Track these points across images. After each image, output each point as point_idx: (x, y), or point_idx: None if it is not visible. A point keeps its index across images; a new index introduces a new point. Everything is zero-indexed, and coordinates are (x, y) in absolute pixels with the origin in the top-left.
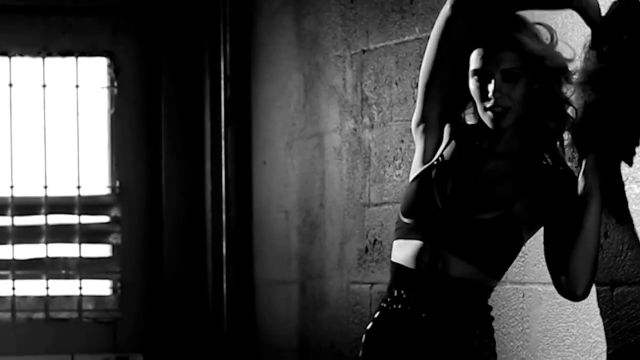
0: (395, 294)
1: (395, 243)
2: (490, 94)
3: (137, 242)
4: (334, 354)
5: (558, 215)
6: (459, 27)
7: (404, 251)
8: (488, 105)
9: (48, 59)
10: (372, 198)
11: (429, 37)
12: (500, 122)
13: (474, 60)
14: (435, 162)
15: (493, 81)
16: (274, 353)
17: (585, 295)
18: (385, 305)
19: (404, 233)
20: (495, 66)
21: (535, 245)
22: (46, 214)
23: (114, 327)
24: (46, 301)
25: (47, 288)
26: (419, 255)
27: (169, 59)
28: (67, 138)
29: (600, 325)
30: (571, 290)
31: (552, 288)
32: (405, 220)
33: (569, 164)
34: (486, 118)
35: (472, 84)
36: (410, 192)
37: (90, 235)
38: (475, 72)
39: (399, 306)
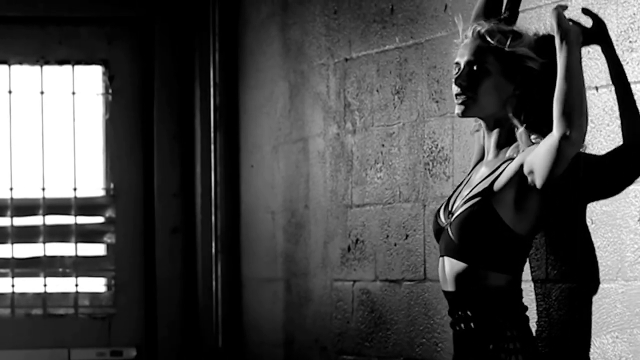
0: (454, 315)
1: None
2: (455, 82)
3: (131, 241)
4: (317, 348)
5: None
6: None
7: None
8: (454, 94)
9: (46, 67)
10: (354, 199)
11: (408, 46)
12: (462, 112)
13: (457, 54)
14: None
15: (459, 70)
16: (261, 347)
17: (577, 137)
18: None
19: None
20: (464, 58)
21: None
22: (44, 215)
23: (108, 323)
24: (44, 298)
25: (45, 285)
26: (440, 270)
27: (161, 67)
28: (64, 142)
29: (572, 321)
30: (562, 133)
31: (527, 285)
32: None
33: None
34: (455, 109)
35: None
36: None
37: (86, 235)
38: (455, 65)
39: (461, 326)
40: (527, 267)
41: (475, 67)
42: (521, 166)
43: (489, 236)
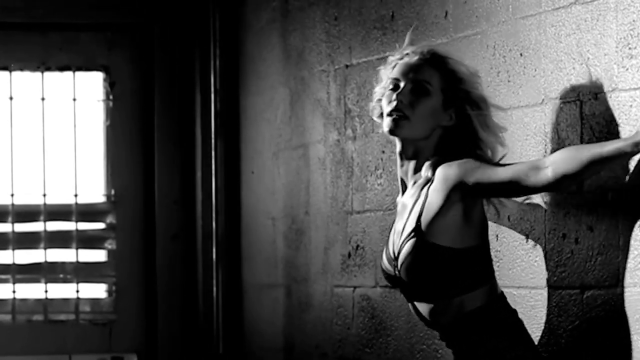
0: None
1: None
2: (393, 98)
3: (132, 247)
4: (317, 354)
5: None
6: None
7: None
8: (389, 109)
9: (47, 74)
10: (354, 206)
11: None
12: (394, 129)
13: (395, 70)
14: None
15: (401, 87)
16: (261, 353)
17: (553, 179)
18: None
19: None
20: (408, 75)
21: (509, 250)
22: (45, 221)
23: (109, 329)
24: (45, 304)
25: (46, 291)
26: (414, 314)
27: (162, 73)
28: (65, 148)
29: (572, 327)
30: (553, 183)
31: (526, 291)
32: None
33: None
34: (385, 125)
35: (386, 93)
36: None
37: (87, 241)
38: (392, 80)
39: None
40: (529, 272)
41: (416, 87)
42: (458, 185)
43: (441, 268)
